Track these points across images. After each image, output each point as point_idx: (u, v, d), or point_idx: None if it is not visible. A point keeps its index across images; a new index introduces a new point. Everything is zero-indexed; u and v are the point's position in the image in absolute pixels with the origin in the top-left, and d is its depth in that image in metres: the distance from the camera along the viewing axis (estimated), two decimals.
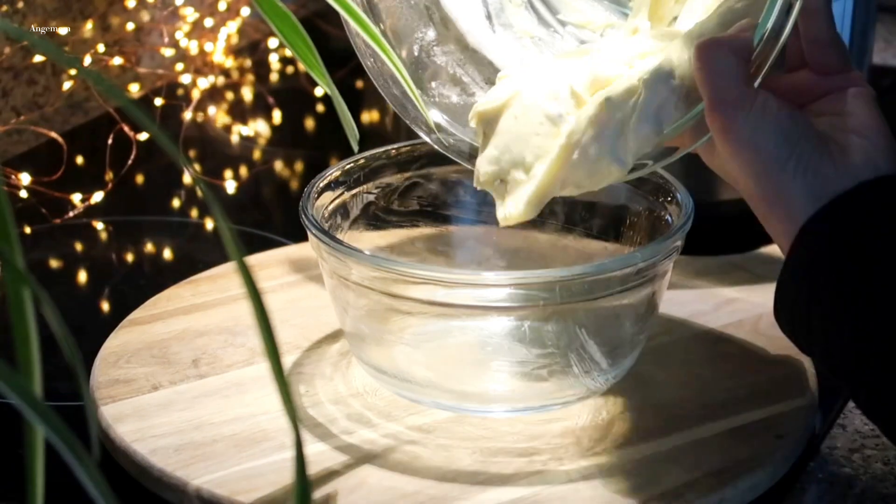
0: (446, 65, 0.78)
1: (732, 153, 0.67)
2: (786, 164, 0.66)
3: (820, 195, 0.65)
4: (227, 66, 1.28)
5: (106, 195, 1.05)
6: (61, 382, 0.71)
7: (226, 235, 0.47)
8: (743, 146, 0.66)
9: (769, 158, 0.66)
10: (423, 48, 0.80)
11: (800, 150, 0.66)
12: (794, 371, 0.80)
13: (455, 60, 0.80)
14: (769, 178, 0.66)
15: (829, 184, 0.65)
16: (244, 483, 0.71)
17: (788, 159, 0.66)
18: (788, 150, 0.66)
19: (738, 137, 0.66)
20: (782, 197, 0.66)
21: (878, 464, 0.75)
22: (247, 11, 1.27)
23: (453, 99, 0.80)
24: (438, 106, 0.79)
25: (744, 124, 0.66)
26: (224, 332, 0.85)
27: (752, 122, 0.66)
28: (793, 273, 0.66)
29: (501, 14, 0.82)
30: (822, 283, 0.65)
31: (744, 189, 0.68)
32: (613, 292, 0.75)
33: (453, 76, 0.78)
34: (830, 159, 0.66)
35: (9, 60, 1.11)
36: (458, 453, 0.73)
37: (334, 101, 0.70)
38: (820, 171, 0.65)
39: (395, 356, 0.77)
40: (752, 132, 0.66)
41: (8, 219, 0.47)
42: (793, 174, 0.65)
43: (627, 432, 0.75)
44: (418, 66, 0.80)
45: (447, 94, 0.80)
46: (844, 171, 0.65)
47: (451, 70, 0.77)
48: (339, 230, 0.82)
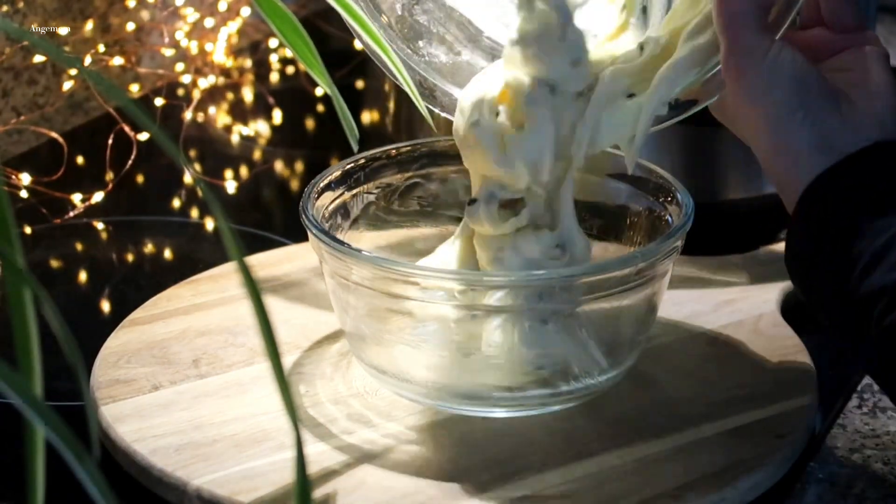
0: (429, 24, 0.78)
1: (744, 100, 0.68)
2: (795, 114, 0.67)
3: (825, 147, 0.67)
4: (227, 67, 1.28)
5: (106, 195, 1.05)
6: (61, 382, 0.71)
7: (226, 235, 0.47)
8: (755, 93, 0.67)
9: (779, 107, 0.67)
10: (405, 6, 0.80)
11: (809, 100, 0.67)
12: (794, 371, 0.80)
13: (436, 19, 0.80)
14: (777, 127, 0.67)
15: (834, 136, 0.67)
16: (244, 483, 0.71)
17: (798, 109, 0.67)
18: (798, 100, 0.67)
19: (751, 84, 0.67)
20: (788, 146, 0.67)
21: (878, 464, 0.75)
22: (247, 11, 1.27)
23: (442, 58, 0.80)
24: (430, 66, 0.80)
25: (758, 72, 0.67)
26: (224, 332, 0.85)
27: (767, 70, 0.67)
28: (803, 225, 0.67)
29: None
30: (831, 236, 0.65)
31: (751, 138, 0.70)
32: (613, 292, 0.75)
33: (437, 35, 0.78)
34: (838, 113, 0.67)
35: (9, 60, 1.11)
36: (457, 453, 0.73)
37: (334, 101, 0.70)
38: (827, 124, 0.67)
39: (395, 356, 0.77)
40: (766, 80, 0.67)
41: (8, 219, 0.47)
42: (800, 124, 0.67)
43: (627, 432, 0.75)
44: (404, 26, 0.80)
45: (436, 54, 0.80)
46: (851, 125, 0.67)
47: (434, 29, 0.77)
48: (340, 230, 0.82)
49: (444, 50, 0.79)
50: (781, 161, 0.68)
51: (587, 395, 0.78)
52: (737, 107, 0.69)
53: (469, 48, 0.81)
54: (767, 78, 0.67)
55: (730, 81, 0.69)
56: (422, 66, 0.79)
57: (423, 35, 0.80)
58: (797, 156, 0.67)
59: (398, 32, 0.79)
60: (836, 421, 0.79)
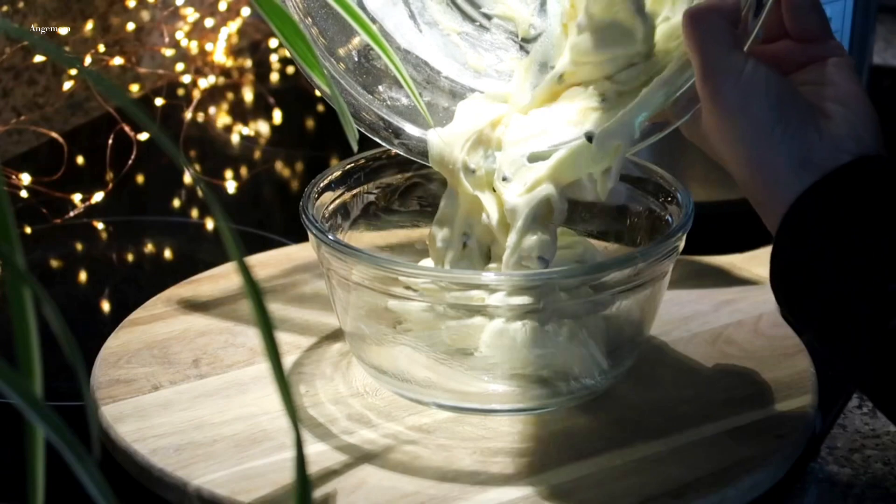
0: (386, 68, 0.78)
1: (721, 118, 0.67)
2: (773, 129, 0.66)
3: (805, 163, 0.66)
4: (227, 67, 1.28)
5: (106, 195, 1.05)
6: (62, 382, 0.71)
7: (226, 235, 0.47)
8: (732, 111, 0.67)
9: (756, 123, 0.66)
10: (361, 52, 0.80)
11: (787, 115, 0.66)
12: (794, 371, 0.80)
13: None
14: (756, 143, 0.66)
15: (813, 151, 0.66)
16: (244, 483, 0.71)
17: (776, 124, 0.66)
18: (776, 115, 0.66)
19: (727, 103, 0.67)
20: (767, 162, 0.66)
21: (878, 464, 0.75)
22: (247, 11, 1.27)
23: (403, 101, 0.80)
24: (392, 109, 0.80)
25: (734, 89, 0.66)
26: (224, 332, 0.85)
27: (742, 88, 0.67)
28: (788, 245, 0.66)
29: (424, 13, 0.82)
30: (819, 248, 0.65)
31: (727, 156, 0.69)
32: (613, 292, 0.75)
33: (395, 78, 0.78)
34: (815, 127, 0.66)
35: (9, 60, 1.11)
36: (458, 453, 0.73)
37: (334, 102, 0.70)
38: (806, 139, 0.66)
39: (395, 356, 0.77)
40: (742, 97, 0.67)
41: (8, 219, 0.47)
42: (780, 139, 0.66)
43: (627, 432, 0.75)
44: (362, 72, 0.80)
45: (396, 97, 0.80)
46: (829, 140, 0.66)
47: (392, 73, 0.77)
48: (340, 230, 0.82)
49: (404, 93, 0.79)
50: (760, 178, 0.67)
51: (587, 395, 0.78)
52: (713, 125, 0.68)
53: (428, 89, 0.81)
54: (744, 94, 0.66)
55: (705, 100, 0.67)
56: (384, 110, 0.80)
57: (382, 80, 0.80)
58: (776, 172, 0.66)
59: (357, 79, 0.79)
60: (836, 421, 0.79)
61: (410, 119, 0.80)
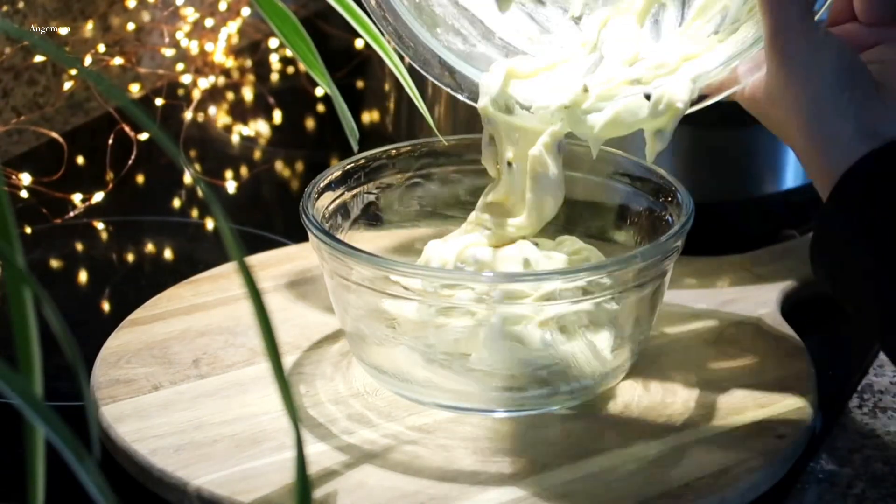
0: (444, 16, 0.79)
1: (787, 81, 0.67)
2: (840, 96, 0.66)
3: (869, 132, 0.66)
4: (227, 67, 1.28)
5: (106, 195, 1.05)
6: (61, 382, 0.71)
7: (226, 235, 0.47)
8: (800, 74, 0.67)
9: (825, 86, 0.67)
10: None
11: (854, 83, 0.67)
12: (794, 371, 0.80)
13: (449, 14, 0.81)
14: (821, 109, 0.67)
15: (878, 122, 0.66)
16: (244, 483, 0.71)
17: (843, 91, 0.67)
18: (844, 82, 0.67)
19: (798, 61, 0.67)
20: (831, 129, 0.67)
21: (878, 464, 0.75)
22: (247, 11, 1.27)
23: (459, 46, 0.81)
24: (449, 50, 0.80)
25: (805, 49, 0.67)
26: (225, 332, 0.85)
27: (813, 51, 0.67)
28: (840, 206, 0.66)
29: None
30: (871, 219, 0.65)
31: (788, 124, 0.68)
32: (614, 292, 0.75)
33: (452, 27, 0.79)
34: (882, 99, 0.67)
35: (9, 60, 1.11)
36: (458, 453, 0.73)
37: (334, 101, 0.70)
38: (871, 108, 0.67)
39: (395, 356, 0.77)
40: (813, 58, 0.67)
41: (8, 219, 0.47)
42: (845, 107, 0.66)
43: (627, 432, 0.75)
44: (422, 13, 0.80)
45: (453, 41, 0.81)
46: (894, 112, 0.67)
47: (449, 21, 0.78)
48: (340, 230, 0.82)
49: (461, 40, 0.80)
50: (821, 145, 0.67)
51: (587, 395, 0.78)
52: (777, 89, 0.68)
53: (483, 43, 0.81)
54: (814, 59, 0.67)
55: (774, 63, 0.68)
56: (441, 49, 0.80)
57: (440, 24, 0.80)
58: (838, 139, 0.66)
59: (418, 19, 0.80)
60: (836, 421, 0.79)
61: (468, 61, 0.80)
